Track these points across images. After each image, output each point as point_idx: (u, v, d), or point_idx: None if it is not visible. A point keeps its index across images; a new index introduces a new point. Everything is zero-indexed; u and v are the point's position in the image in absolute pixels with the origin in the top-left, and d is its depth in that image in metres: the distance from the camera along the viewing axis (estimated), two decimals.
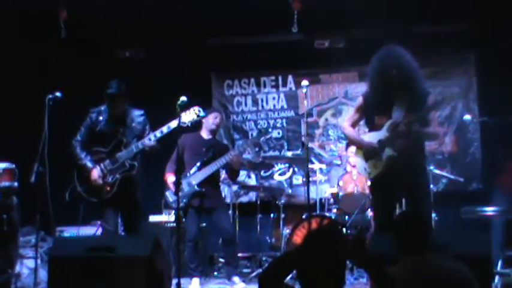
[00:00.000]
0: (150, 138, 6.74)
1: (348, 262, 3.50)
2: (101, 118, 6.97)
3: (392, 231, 3.93)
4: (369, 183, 7.17)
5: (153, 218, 8.66)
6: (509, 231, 7.98)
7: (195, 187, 7.50)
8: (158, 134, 6.76)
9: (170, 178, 7.58)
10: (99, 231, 7.86)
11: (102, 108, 7.00)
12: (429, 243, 4.04)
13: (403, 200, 6.06)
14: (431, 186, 8.28)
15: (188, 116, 6.77)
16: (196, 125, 7.29)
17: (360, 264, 3.59)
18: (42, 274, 7.01)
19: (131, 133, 6.92)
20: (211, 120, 7.79)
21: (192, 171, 7.56)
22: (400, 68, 5.68)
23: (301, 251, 3.38)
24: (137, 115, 7.02)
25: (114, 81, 6.94)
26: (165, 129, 6.76)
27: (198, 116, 6.84)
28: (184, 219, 7.61)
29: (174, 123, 6.66)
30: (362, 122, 6.27)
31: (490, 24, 9.17)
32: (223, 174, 8.18)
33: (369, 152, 5.86)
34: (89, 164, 6.85)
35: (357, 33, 9.81)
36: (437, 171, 8.76)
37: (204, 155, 7.65)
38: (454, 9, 8.66)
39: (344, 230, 7.96)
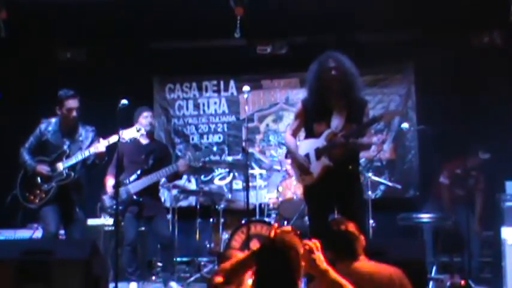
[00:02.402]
0: (100, 145, 6.74)
1: None
2: (50, 128, 7.02)
3: (324, 239, 3.97)
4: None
5: (91, 222, 8.55)
6: (443, 237, 8.16)
7: (133, 196, 7.46)
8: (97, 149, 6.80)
9: (110, 181, 7.54)
10: (37, 234, 7.79)
11: (53, 120, 7.02)
12: (362, 250, 4.12)
13: (337, 208, 6.10)
14: (369, 193, 8.44)
15: (129, 133, 6.79)
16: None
17: (316, 274, 3.60)
18: None
19: (76, 146, 6.97)
20: (143, 121, 7.64)
21: (131, 178, 7.51)
22: (339, 71, 5.75)
23: (257, 257, 3.41)
24: (87, 131, 7.07)
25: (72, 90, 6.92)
26: (105, 143, 6.78)
27: (138, 133, 6.86)
28: (122, 223, 7.59)
29: (114, 138, 6.67)
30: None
31: (429, 33, 9.35)
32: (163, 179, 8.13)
33: (301, 168, 5.92)
34: (33, 163, 6.89)
35: (299, 40, 9.92)
36: (375, 178, 8.90)
37: (143, 162, 7.58)
38: (394, 18, 8.79)
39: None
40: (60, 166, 6.85)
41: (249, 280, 3.67)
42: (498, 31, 9.28)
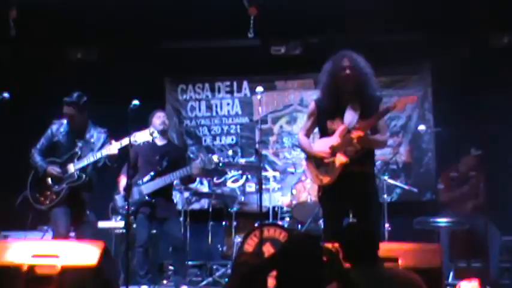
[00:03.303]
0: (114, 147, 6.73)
1: None
2: (61, 130, 7.01)
3: (340, 243, 3.93)
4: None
5: (101, 224, 8.55)
6: (460, 243, 8.09)
7: (145, 197, 7.45)
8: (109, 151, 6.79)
9: (123, 181, 7.54)
10: (47, 236, 7.79)
11: (65, 121, 7.01)
12: (377, 255, 4.07)
13: (352, 210, 6.06)
14: (385, 196, 8.39)
15: (141, 136, 6.76)
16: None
17: (333, 277, 3.58)
18: None
19: (88, 148, 6.95)
20: (157, 122, 7.68)
21: (145, 179, 7.50)
22: (353, 70, 5.72)
23: (275, 266, 3.39)
24: (99, 132, 7.05)
25: (77, 92, 6.91)
26: (117, 145, 6.76)
27: (151, 136, 6.84)
28: (134, 225, 7.58)
29: (126, 141, 6.66)
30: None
31: (446, 33, 9.30)
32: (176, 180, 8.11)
33: (320, 161, 5.88)
34: (44, 164, 6.89)
35: (313, 40, 9.88)
36: (391, 181, 8.84)
37: (157, 163, 7.57)
38: (410, 19, 8.76)
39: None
40: (71, 168, 6.84)
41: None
42: None
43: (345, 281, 3.50)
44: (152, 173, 7.50)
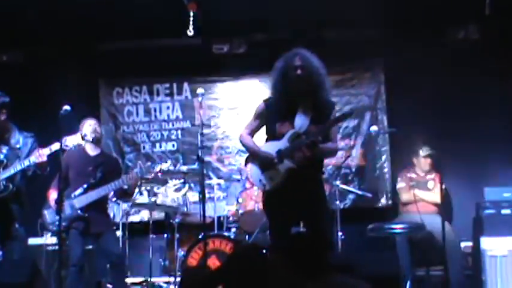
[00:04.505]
0: (43, 153, 6.61)
1: None
2: None
3: (287, 254, 3.91)
4: None
5: (32, 241, 8.41)
6: (417, 250, 8.16)
7: (78, 211, 7.32)
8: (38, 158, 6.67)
9: (53, 195, 7.40)
10: None
11: None
12: (328, 265, 4.06)
13: (300, 218, 6.05)
14: (338, 202, 8.43)
15: (72, 140, 6.67)
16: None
17: None
18: None
19: (14, 155, 6.82)
20: (88, 130, 7.50)
21: (77, 192, 7.37)
22: (305, 70, 5.71)
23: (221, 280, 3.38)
24: (25, 137, 6.92)
25: None
26: (46, 151, 6.67)
27: (83, 140, 6.75)
28: (67, 242, 7.46)
29: (56, 146, 6.55)
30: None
31: (399, 29, 9.37)
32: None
33: (265, 164, 5.85)
34: None
35: (259, 37, 9.87)
36: (343, 187, 8.89)
37: (91, 175, 7.44)
38: (361, 13, 8.81)
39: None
40: None
41: None
42: (474, 25, 9.32)
43: None
44: (85, 186, 7.37)
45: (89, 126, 7.56)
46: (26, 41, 9.61)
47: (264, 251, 3.47)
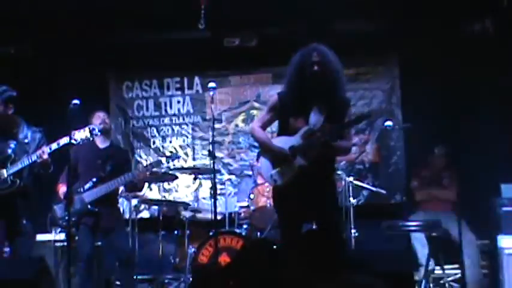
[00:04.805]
0: (44, 151, 6.60)
1: None
2: None
3: (298, 251, 3.89)
4: None
5: (40, 237, 8.41)
6: (433, 248, 8.11)
7: (88, 206, 7.31)
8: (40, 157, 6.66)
9: (62, 189, 7.39)
10: None
11: None
12: (341, 263, 4.05)
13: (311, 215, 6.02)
14: (351, 199, 8.40)
15: (81, 134, 6.67)
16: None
17: None
18: None
19: (22, 150, 6.79)
20: (97, 122, 7.49)
21: (86, 186, 7.36)
22: (322, 67, 5.68)
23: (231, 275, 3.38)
24: (33, 132, 6.90)
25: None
26: (54, 145, 6.65)
27: (91, 134, 6.74)
28: (76, 238, 7.45)
29: (64, 140, 6.54)
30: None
31: (414, 22, 9.32)
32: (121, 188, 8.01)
33: (277, 159, 5.82)
34: None
35: (270, 30, 9.84)
36: (357, 183, 8.84)
37: (100, 168, 7.43)
38: (375, 7, 8.77)
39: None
40: (4, 173, 6.69)
41: None
42: (490, 19, 9.26)
43: None
44: (94, 179, 7.36)
45: (98, 117, 7.57)
46: (34, 33, 9.59)
47: (275, 247, 3.45)
